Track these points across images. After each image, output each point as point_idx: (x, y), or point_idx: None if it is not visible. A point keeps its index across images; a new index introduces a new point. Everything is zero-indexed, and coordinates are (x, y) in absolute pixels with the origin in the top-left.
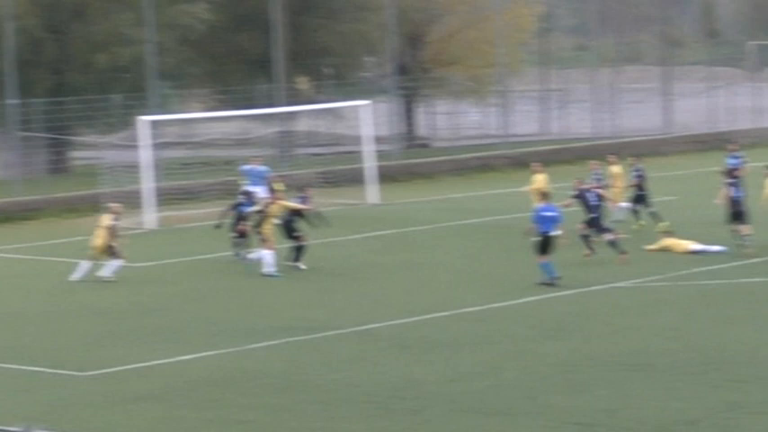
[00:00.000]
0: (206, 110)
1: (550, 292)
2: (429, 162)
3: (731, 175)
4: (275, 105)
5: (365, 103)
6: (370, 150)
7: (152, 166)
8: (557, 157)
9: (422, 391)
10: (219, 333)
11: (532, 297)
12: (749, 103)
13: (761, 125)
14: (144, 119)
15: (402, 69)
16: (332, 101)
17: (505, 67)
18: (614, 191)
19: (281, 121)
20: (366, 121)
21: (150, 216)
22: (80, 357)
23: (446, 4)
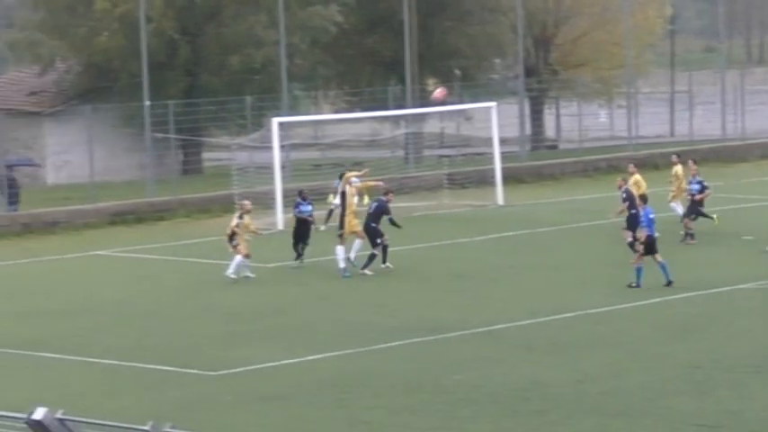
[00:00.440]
0: (336, 111)
1: (674, 294)
2: (556, 163)
3: None
4: (405, 107)
5: (492, 104)
6: (497, 152)
7: (282, 167)
8: (684, 158)
9: (546, 392)
10: (345, 333)
11: (657, 299)
12: None
13: None
14: (276, 120)
15: (530, 71)
16: (460, 102)
17: (633, 69)
18: (673, 190)
19: (410, 123)
20: (493, 122)
21: (280, 217)
22: (209, 357)
23: (574, 6)
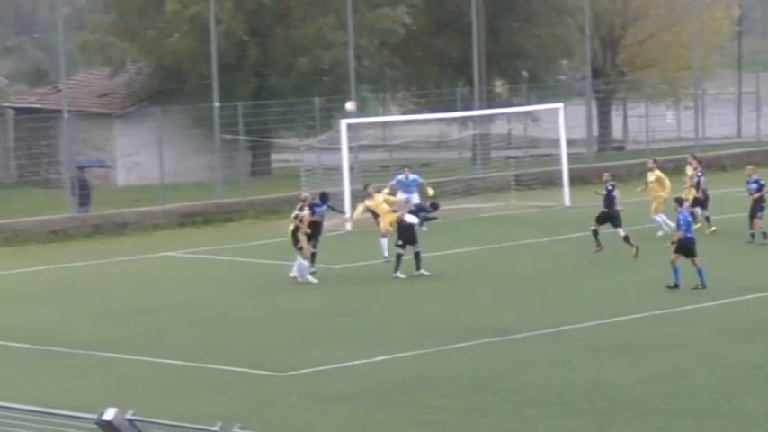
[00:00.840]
0: (403, 113)
1: (740, 295)
2: (623, 165)
3: None
4: (473, 108)
5: (559, 105)
6: (564, 153)
7: (351, 168)
8: (750, 159)
9: (612, 392)
10: (413, 334)
11: (722, 300)
12: None
13: None
14: (345, 121)
15: (597, 72)
16: (527, 104)
17: (700, 70)
18: (684, 191)
19: (477, 124)
20: (560, 123)
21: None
22: (277, 358)
23: (642, 8)
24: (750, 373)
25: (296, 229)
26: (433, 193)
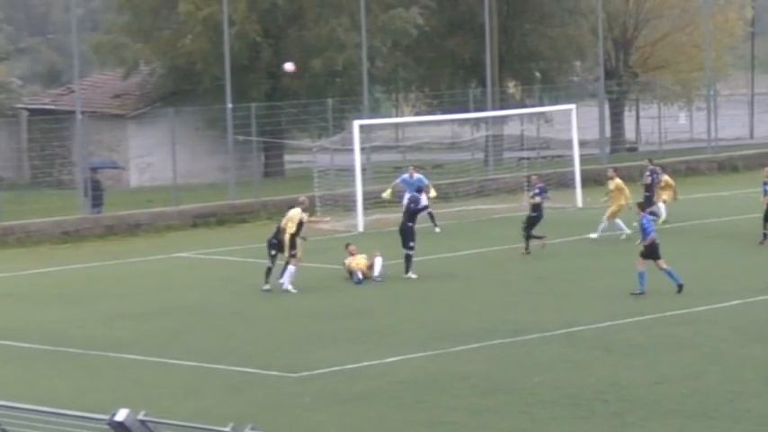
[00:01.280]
0: (416, 114)
1: (752, 296)
2: (636, 166)
3: None
4: (485, 109)
5: (572, 106)
6: (576, 154)
7: (363, 169)
8: (763, 161)
9: (625, 393)
10: (425, 335)
11: (736, 301)
12: None
13: None
14: (357, 122)
15: (610, 73)
16: (540, 105)
17: (713, 71)
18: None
19: (490, 125)
20: (573, 124)
21: (361, 219)
22: (290, 359)
23: (655, 9)
24: (764, 374)
25: (297, 231)
26: (435, 195)
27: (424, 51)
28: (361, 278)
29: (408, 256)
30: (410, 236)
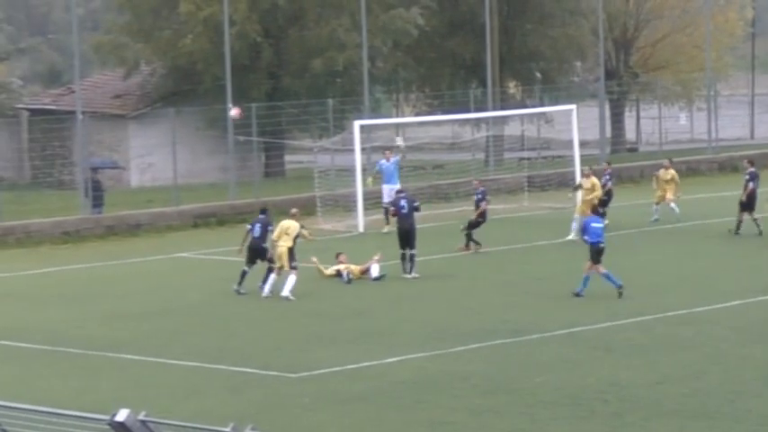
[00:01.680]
0: (417, 114)
1: (753, 297)
2: (636, 166)
3: None
4: (486, 109)
5: (572, 107)
6: (577, 154)
7: (364, 169)
8: (764, 161)
9: (625, 393)
10: (424, 335)
11: (737, 301)
12: None
13: None
14: (358, 123)
15: (610, 74)
16: (540, 105)
17: (713, 72)
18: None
19: (491, 126)
20: (574, 125)
21: (361, 220)
22: (289, 359)
23: (655, 9)
24: (764, 374)
25: (294, 244)
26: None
27: (424, 51)
28: (350, 278)
29: (413, 256)
30: (415, 236)
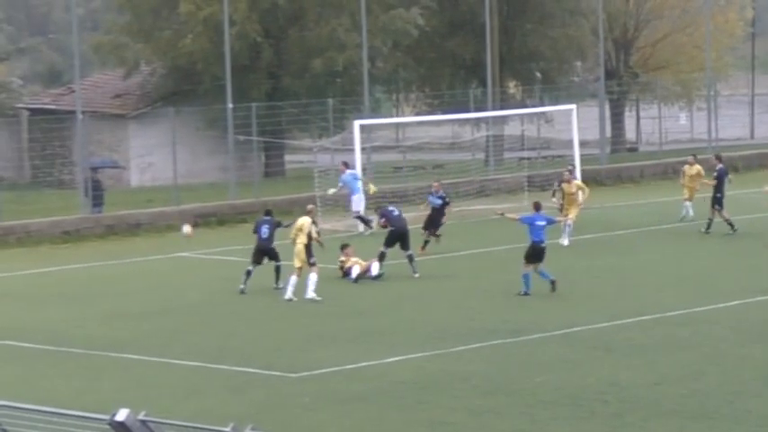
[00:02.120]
0: (417, 114)
1: (752, 297)
2: (635, 166)
3: None
4: (486, 109)
5: (572, 107)
6: (577, 154)
7: (364, 169)
8: (764, 161)
9: (625, 394)
10: (425, 335)
11: (737, 301)
12: None
13: None
14: (358, 122)
15: (610, 74)
16: (540, 105)
17: (713, 72)
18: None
19: (491, 125)
20: (574, 125)
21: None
22: (290, 359)
23: (655, 9)
24: (764, 374)
25: (309, 243)
26: (375, 190)
27: (424, 51)
28: (355, 277)
29: (411, 257)
30: (409, 237)
